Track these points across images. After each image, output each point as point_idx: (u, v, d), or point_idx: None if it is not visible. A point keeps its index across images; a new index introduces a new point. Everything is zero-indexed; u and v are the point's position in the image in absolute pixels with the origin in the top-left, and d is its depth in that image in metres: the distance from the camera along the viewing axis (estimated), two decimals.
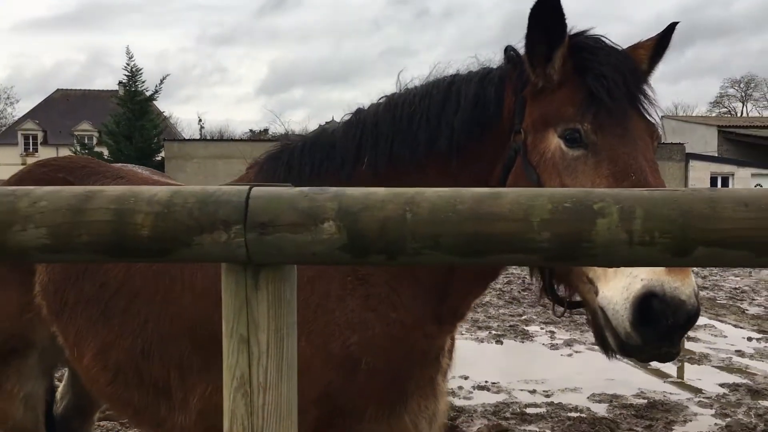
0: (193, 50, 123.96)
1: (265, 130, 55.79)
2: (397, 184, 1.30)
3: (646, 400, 5.35)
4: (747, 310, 9.63)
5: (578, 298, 1.82)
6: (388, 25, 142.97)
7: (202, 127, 53.08)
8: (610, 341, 1.64)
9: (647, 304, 1.52)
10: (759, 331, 8.15)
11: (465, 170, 1.93)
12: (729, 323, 8.69)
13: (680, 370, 6.48)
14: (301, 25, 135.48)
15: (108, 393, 2.27)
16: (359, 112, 2.14)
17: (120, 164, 2.94)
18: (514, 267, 7.97)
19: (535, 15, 1.74)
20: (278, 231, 1.08)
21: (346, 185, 1.24)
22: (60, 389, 3.14)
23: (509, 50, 1.97)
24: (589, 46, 1.83)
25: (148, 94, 26.54)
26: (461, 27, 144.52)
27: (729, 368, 6.51)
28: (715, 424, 4.89)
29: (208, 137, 47.47)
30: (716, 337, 7.89)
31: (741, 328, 8.44)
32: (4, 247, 1.09)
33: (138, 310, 2.15)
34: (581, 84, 1.78)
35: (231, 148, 28.42)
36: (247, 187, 1.12)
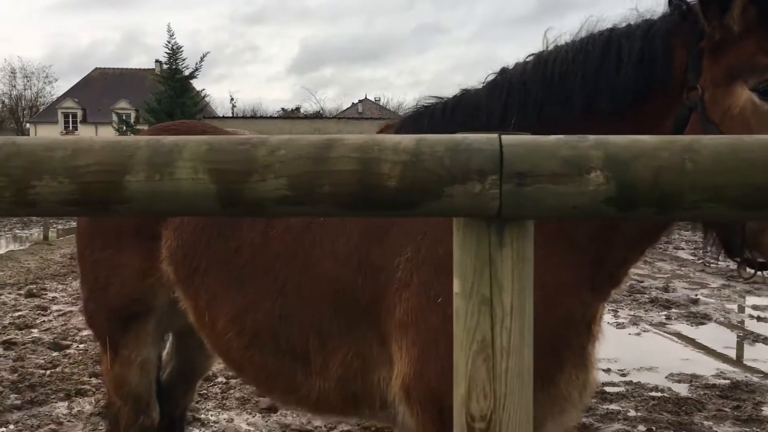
0: (225, 29, 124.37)
1: (297, 109, 55.87)
2: None
3: (728, 381, 5.19)
4: None
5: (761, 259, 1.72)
6: (420, 1, 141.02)
7: (234, 106, 53.38)
8: None
9: None
10: None
11: (628, 131, 1.81)
12: None
13: (739, 350, 6.31)
14: (331, 3, 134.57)
15: (241, 358, 2.23)
16: (504, 72, 2.03)
17: (233, 129, 2.89)
18: None
19: None
20: (538, 182, 0.99)
21: None
22: (163, 356, 3.14)
23: None
24: None
25: (187, 72, 26.66)
26: (495, 2, 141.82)
27: None
28: None
29: (241, 116, 47.72)
30: None
31: None
32: (239, 198, 1.02)
33: (276, 274, 2.09)
34: None
35: (269, 125, 28.47)
36: (496, 134, 1.03)
